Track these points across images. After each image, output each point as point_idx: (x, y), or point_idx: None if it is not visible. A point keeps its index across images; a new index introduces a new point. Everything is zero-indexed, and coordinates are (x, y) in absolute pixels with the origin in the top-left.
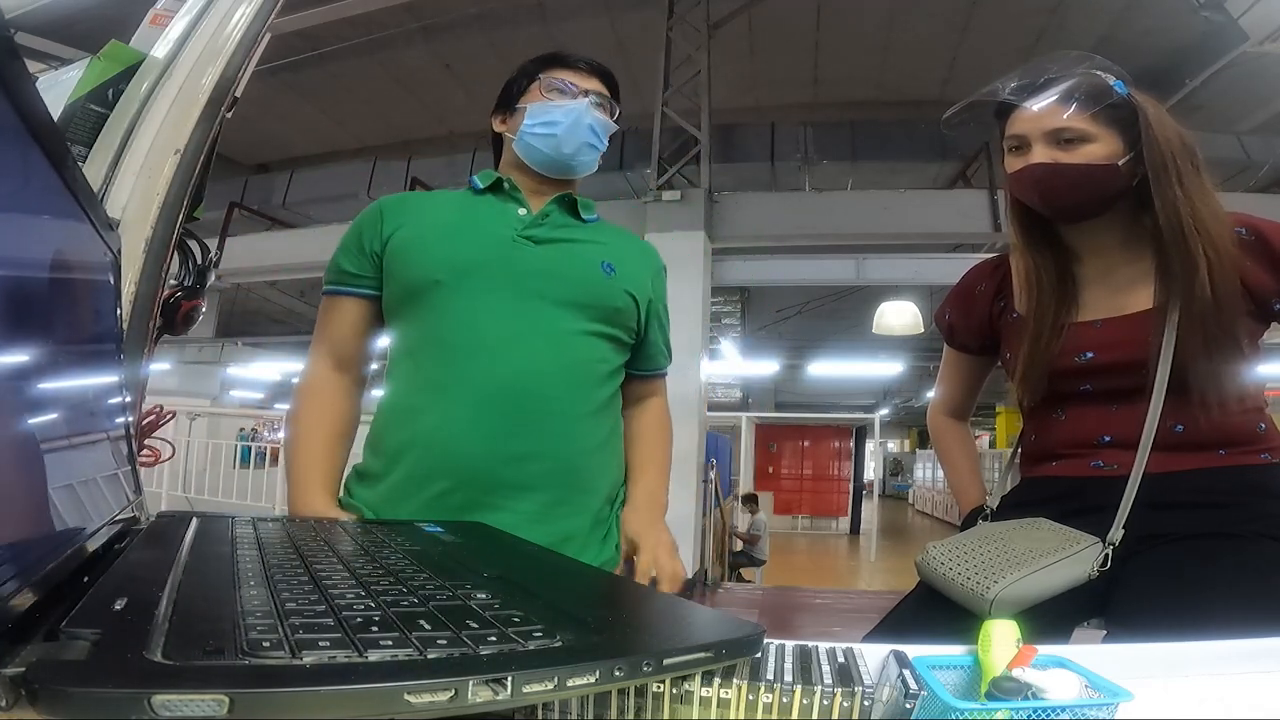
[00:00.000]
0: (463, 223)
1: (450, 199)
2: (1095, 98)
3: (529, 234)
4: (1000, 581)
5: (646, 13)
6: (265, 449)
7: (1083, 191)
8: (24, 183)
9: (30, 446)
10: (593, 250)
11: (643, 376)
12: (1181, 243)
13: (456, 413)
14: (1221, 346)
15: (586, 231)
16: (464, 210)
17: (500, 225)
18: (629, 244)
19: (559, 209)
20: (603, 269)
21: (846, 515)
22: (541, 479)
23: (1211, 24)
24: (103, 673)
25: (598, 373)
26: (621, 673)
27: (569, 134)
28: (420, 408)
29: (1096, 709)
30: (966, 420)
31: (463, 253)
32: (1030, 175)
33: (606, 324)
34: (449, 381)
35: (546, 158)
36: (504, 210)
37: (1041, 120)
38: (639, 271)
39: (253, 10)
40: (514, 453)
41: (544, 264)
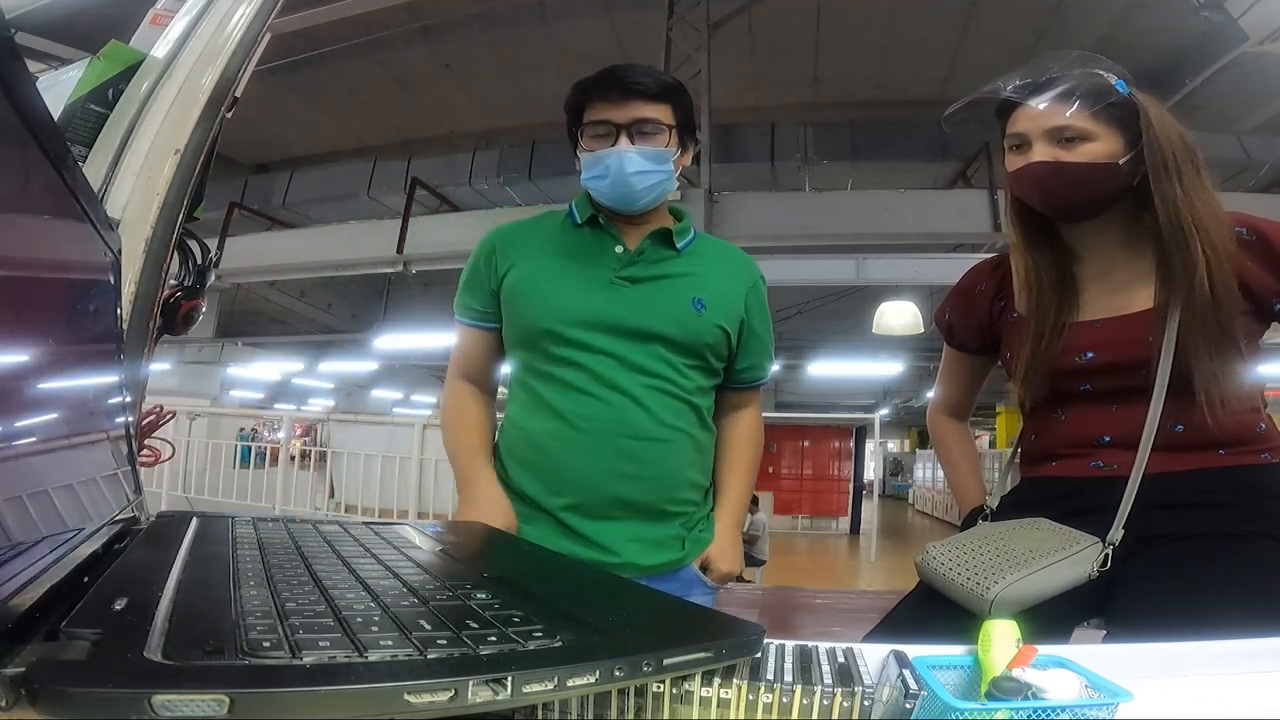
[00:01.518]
0: (566, 267)
1: (552, 231)
2: (1097, 96)
3: (626, 274)
4: (1000, 582)
5: (646, 13)
6: (265, 449)
7: (1083, 190)
8: (25, 183)
9: (31, 446)
10: (685, 286)
11: (737, 389)
12: (1181, 241)
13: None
14: (1221, 346)
15: (681, 262)
16: (566, 248)
17: (599, 267)
18: (722, 265)
19: (653, 244)
20: (694, 306)
21: (846, 515)
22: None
23: (1211, 24)
24: (103, 673)
25: (690, 399)
26: (621, 673)
27: (617, 185)
28: (543, 433)
29: (1096, 709)
30: (966, 420)
31: (569, 302)
32: (1031, 174)
33: (698, 357)
34: (563, 412)
35: (611, 205)
36: (601, 248)
37: (1042, 118)
38: (731, 296)
39: (253, 10)
40: (621, 473)
41: (639, 307)
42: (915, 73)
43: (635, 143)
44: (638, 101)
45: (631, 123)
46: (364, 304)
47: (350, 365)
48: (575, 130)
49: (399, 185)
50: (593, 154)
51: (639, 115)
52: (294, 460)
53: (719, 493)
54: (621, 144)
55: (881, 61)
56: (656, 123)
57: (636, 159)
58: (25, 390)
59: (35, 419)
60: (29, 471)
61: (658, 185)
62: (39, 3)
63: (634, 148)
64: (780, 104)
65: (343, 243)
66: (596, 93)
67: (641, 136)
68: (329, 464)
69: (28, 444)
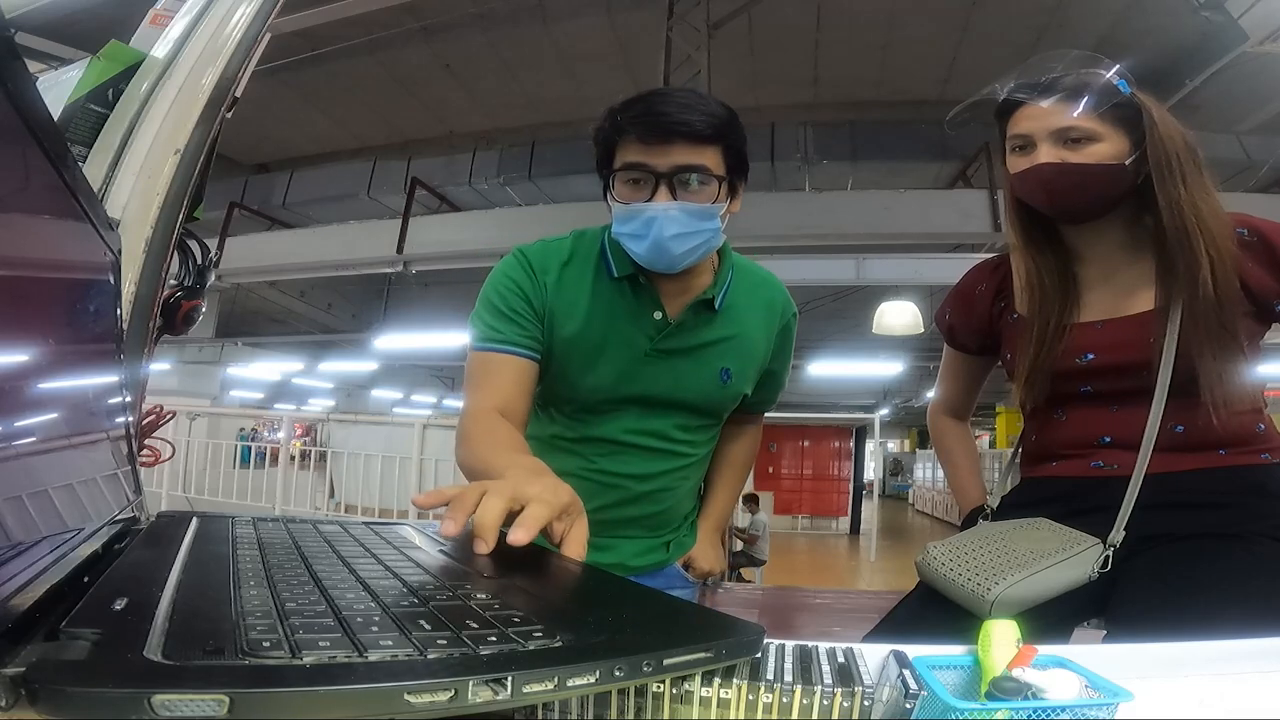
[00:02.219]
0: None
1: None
2: (1103, 97)
3: (662, 347)
4: (1001, 583)
5: (646, 13)
6: (265, 449)
7: (1090, 192)
8: (25, 183)
9: (31, 446)
10: (715, 356)
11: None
12: (1185, 241)
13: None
14: (1224, 346)
15: (716, 326)
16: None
17: (637, 336)
18: (755, 313)
19: (693, 314)
20: (721, 378)
21: (846, 515)
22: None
23: (1211, 24)
24: (102, 672)
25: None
26: (621, 673)
27: (655, 250)
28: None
29: (1096, 709)
30: (967, 420)
31: (603, 371)
32: (1038, 175)
33: (715, 419)
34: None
35: (647, 266)
36: (640, 312)
37: (1048, 119)
38: (760, 350)
39: (253, 10)
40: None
41: (668, 380)
42: (915, 73)
43: (677, 196)
44: (681, 145)
45: (674, 171)
46: (364, 304)
47: (350, 365)
48: (604, 172)
49: (399, 185)
50: (628, 208)
51: (683, 162)
52: (294, 460)
53: (706, 499)
54: (660, 198)
55: (881, 61)
56: (705, 172)
57: (679, 218)
58: (26, 390)
59: (36, 419)
60: (29, 471)
61: (702, 246)
62: (39, 3)
63: (676, 204)
64: (780, 104)
65: (343, 243)
66: (632, 130)
67: (685, 189)
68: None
69: (28, 444)
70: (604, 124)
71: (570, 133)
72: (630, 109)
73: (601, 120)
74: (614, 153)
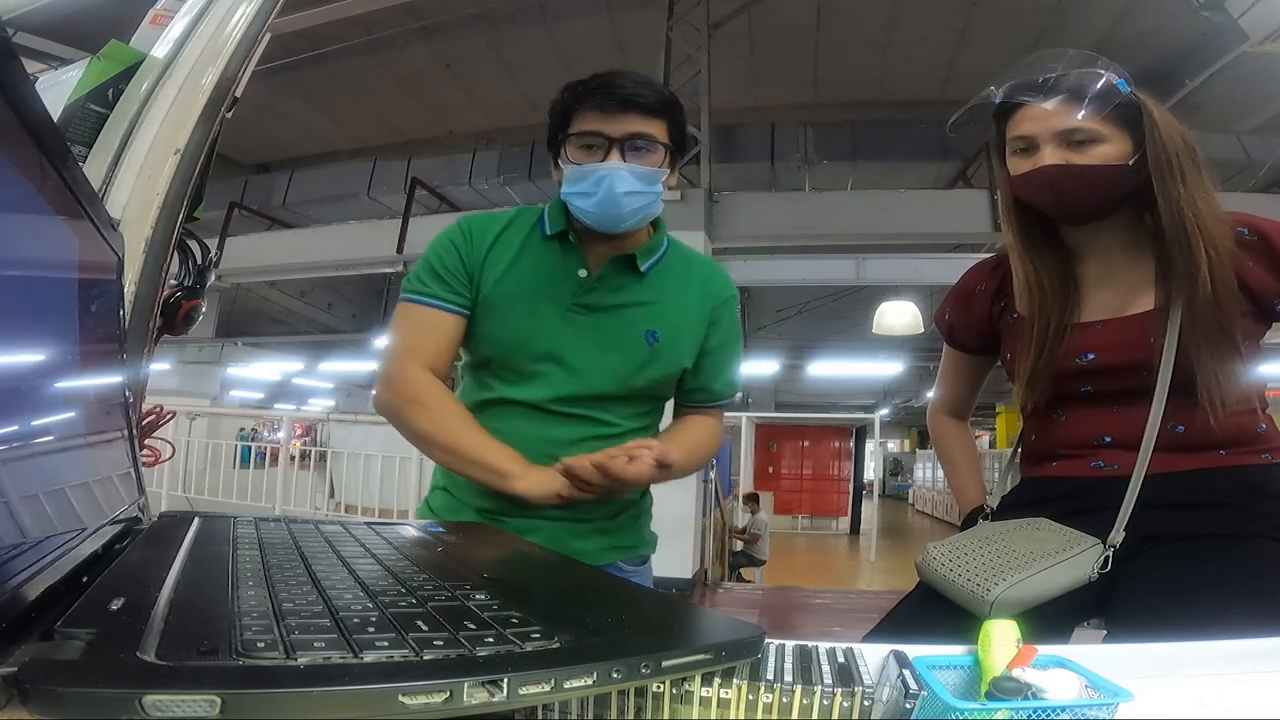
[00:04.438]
0: (528, 287)
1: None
2: (1107, 97)
3: (582, 302)
4: (1001, 584)
5: (646, 13)
6: (265, 449)
7: (1096, 193)
8: (25, 183)
9: (33, 446)
10: (640, 317)
11: (689, 408)
12: (1184, 241)
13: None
14: (1222, 346)
15: (641, 289)
16: (532, 264)
17: (558, 290)
18: (687, 287)
19: (614, 270)
20: (646, 340)
21: (846, 515)
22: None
23: (1211, 24)
24: (94, 673)
25: (625, 430)
26: (619, 675)
27: (604, 205)
28: None
29: (1096, 709)
30: (967, 420)
31: (524, 324)
32: (1045, 177)
33: (644, 387)
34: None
35: (593, 226)
36: (565, 267)
37: (1052, 120)
38: (690, 322)
39: (253, 10)
40: None
41: (589, 340)
42: (915, 73)
43: (627, 159)
44: (634, 115)
45: (626, 137)
46: (364, 304)
47: (350, 365)
48: (560, 137)
49: (399, 185)
50: (580, 168)
51: (634, 130)
52: (294, 460)
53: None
54: (613, 160)
55: (881, 61)
56: (652, 140)
57: (629, 178)
58: (27, 390)
59: (37, 419)
60: (32, 471)
61: (646, 207)
62: (39, 3)
63: (626, 165)
64: (780, 104)
65: (343, 243)
66: (590, 100)
67: (634, 153)
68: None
69: (32, 444)
70: (561, 97)
71: None
72: (589, 83)
73: (559, 94)
74: (569, 123)
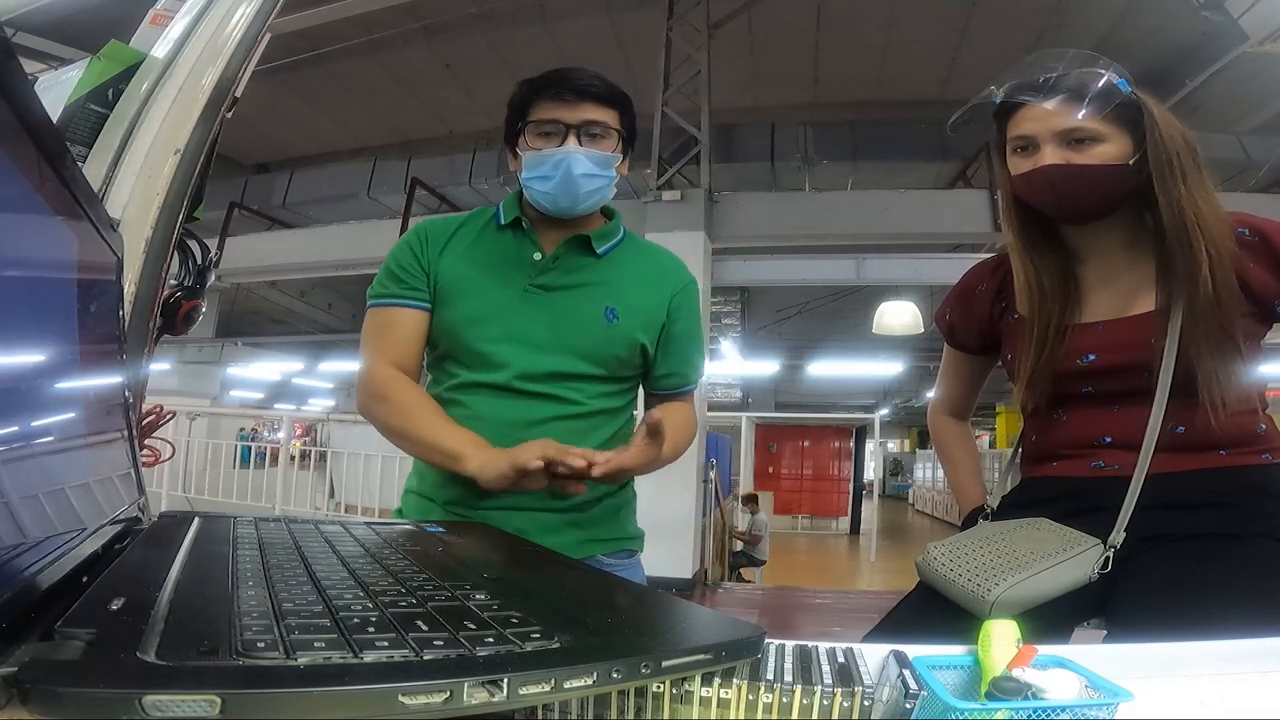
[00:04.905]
0: (483, 273)
1: (476, 231)
2: (1108, 97)
3: (539, 282)
4: (1001, 584)
5: (646, 13)
6: (265, 449)
7: (1097, 193)
8: (25, 183)
9: (34, 447)
10: (598, 295)
11: (660, 395)
12: (1185, 241)
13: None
14: (1223, 346)
15: (597, 270)
16: (486, 252)
17: (515, 273)
18: (644, 272)
19: (570, 250)
20: (605, 317)
21: (846, 515)
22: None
23: (1211, 24)
24: (94, 673)
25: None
26: (619, 675)
27: (562, 187)
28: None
29: (1096, 709)
30: (967, 419)
31: (482, 305)
32: (1044, 176)
33: (605, 369)
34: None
35: (549, 209)
36: (520, 252)
37: (1052, 120)
38: (649, 304)
39: (253, 10)
40: None
41: (547, 317)
42: (915, 73)
43: (583, 144)
44: (589, 104)
45: (581, 124)
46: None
47: (350, 365)
48: (518, 127)
49: (399, 185)
50: (538, 153)
51: (589, 117)
52: (294, 460)
53: None
54: (570, 144)
55: (881, 61)
56: (605, 126)
57: (585, 161)
58: (27, 391)
59: (37, 419)
60: (33, 471)
61: (601, 190)
62: (39, 3)
63: (582, 150)
64: (780, 104)
65: (343, 243)
66: (547, 91)
67: (590, 139)
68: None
69: (32, 444)
70: (519, 90)
71: None
72: (546, 76)
73: (515, 89)
74: (526, 113)
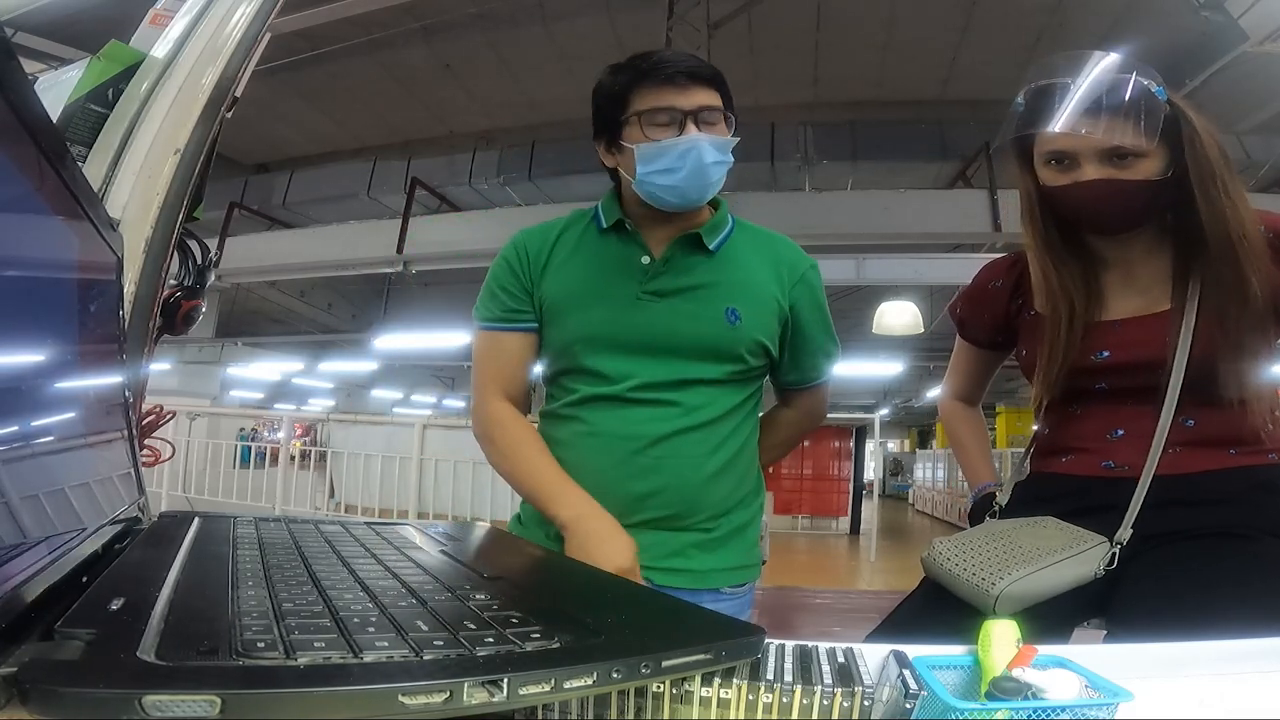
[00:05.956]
0: (591, 282)
1: (577, 237)
2: (1152, 115)
3: (651, 289)
4: (1006, 578)
5: (646, 13)
6: (265, 449)
7: (1139, 206)
8: (25, 183)
9: (34, 447)
10: (717, 296)
11: (795, 389)
12: (1231, 254)
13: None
14: (1251, 350)
15: (711, 268)
16: (591, 259)
17: (625, 280)
18: (760, 264)
19: (681, 251)
20: (727, 318)
21: (846, 515)
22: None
23: (1211, 24)
24: (94, 673)
25: (718, 415)
26: (619, 675)
27: (692, 178)
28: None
29: (1096, 709)
30: (978, 405)
31: (594, 320)
32: (1090, 192)
33: (732, 368)
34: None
35: (674, 205)
36: (627, 258)
37: (1094, 139)
38: (771, 297)
39: (253, 10)
40: (640, 494)
41: (666, 324)
42: (915, 73)
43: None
44: (699, 87)
45: (698, 109)
46: (364, 304)
47: (350, 365)
48: (622, 118)
49: (399, 185)
50: (658, 144)
51: (704, 102)
52: (294, 460)
53: None
54: (690, 132)
55: (881, 61)
56: (718, 110)
57: (711, 149)
58: (27, 391)
59: (37, 419)
60: (33, 471)
61: (722, 178)
62: (39, 2)
63: (705, 136)
64: (780, 104)
65: (343, 243)
66: (655, 77)
67: (707, 125)
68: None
69: (30, 444)
70: (615, 78)
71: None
72: (645, 61)
73: (609, 76)
74: (628, 103)
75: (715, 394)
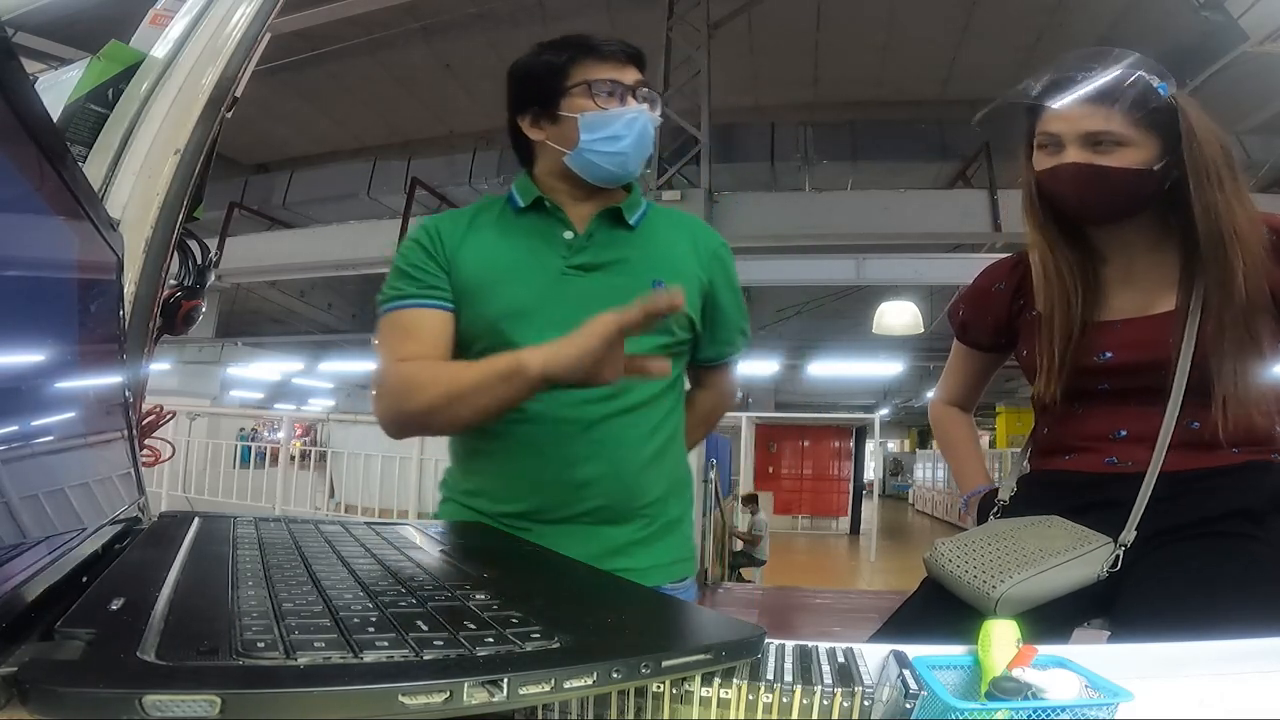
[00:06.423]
0: (512, 260)
1: (493, 219)
2: (1137, 102)
3: (576, 263)
4: (1007, 580)
5: (646, 12)
6: (265, 449)
7: (1117, 194)
8: (25, 183)
9: (34, 447)
10: (643, 269)
11: (709, 366)
12: (1220, 249)
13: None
14: (1246, 349)
15: (634, 243)
16: (511, 238)
17: (547, 256)
18: (678, 239)
19: (603, 225)
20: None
21: (846, 515)
22: (595, 499)
23: (1211, 24)
24: (94, 673)
25: (650, 395)
26: (619, 675)
27: (635, 147)
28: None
29: (1096, 709)
30: (970, 413)
31: (519, 295)
32: (1065, 174)
33: (660, 341)
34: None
35: (611, 175)
36: (548, 234)
37: (1079, 121)
38: (691, 271)
39: (253, 10)
40: (579, 481)
41: (593, 296)
42: (915, 73)
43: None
44: (633, 66)
45: (636, 85)
46: (364, 304)
47: (350, 365)
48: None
49: (399, 185)
50: (605, 113)
51: (641, 79)
52: (294, 460)
53: None
54: (632, 104)
55: (881, 61)
56: (651, 90)
57: (653, 121)
58: (27, 391)
59: (37, 419)
60: (33, 471)
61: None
62: (39, 2)
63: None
64: (780, 104)
65: (343, 243)
66: (596, 51)
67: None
68: (329, 464)
69: (30, 444)
70: (555, 52)
71: None
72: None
73: (546, 51)
74: (567, 75)
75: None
